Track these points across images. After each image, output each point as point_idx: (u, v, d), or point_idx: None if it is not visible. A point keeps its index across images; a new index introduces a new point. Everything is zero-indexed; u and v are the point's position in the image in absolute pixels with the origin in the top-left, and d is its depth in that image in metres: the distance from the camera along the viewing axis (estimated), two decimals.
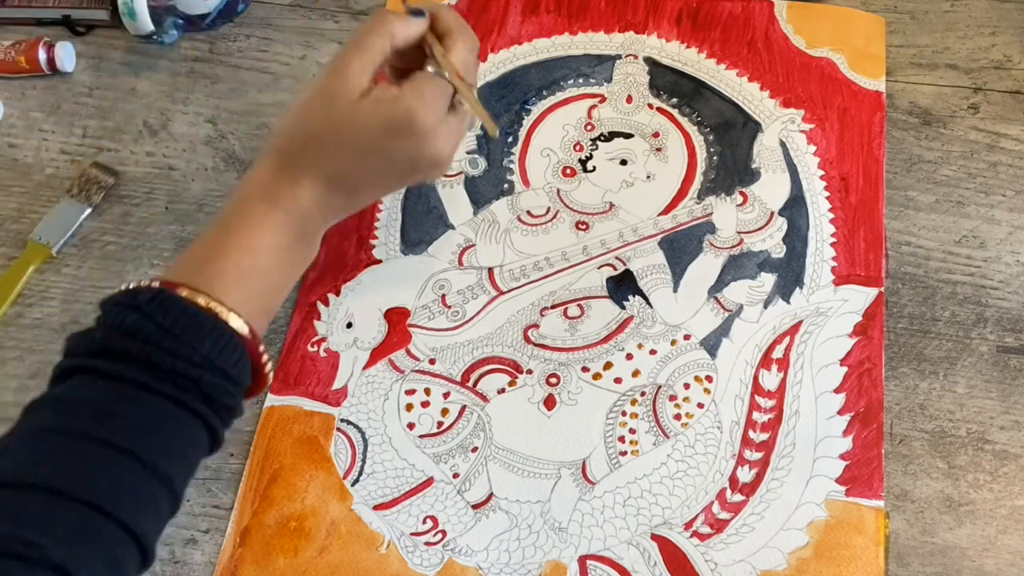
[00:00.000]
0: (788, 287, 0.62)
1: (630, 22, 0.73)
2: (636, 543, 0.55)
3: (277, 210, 0.52)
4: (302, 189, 0.52)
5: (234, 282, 0.49)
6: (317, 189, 0.53)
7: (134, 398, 0.45)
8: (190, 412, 0.46)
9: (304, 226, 0.53)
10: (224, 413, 0.48)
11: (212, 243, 0.51)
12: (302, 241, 0.53)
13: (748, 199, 0.65)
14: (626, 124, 0.69)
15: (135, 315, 0.46)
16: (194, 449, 0.48)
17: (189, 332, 0.46)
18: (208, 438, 0.48)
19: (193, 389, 0.46)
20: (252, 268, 0.50)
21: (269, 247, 0.51)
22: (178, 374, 0.46)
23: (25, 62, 0.72)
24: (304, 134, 0.53)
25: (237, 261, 0.50)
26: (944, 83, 0.70)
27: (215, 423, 0.48)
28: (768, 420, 0.58)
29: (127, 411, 0.45)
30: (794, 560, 0.54)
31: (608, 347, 0.61)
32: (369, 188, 0.56)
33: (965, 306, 0.62)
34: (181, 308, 0.47)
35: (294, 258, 0.54)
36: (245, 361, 0.49)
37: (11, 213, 0.68)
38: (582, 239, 0.65)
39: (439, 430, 0.59)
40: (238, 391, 0.49)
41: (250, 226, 0.51)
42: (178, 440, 0.46)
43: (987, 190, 0.66)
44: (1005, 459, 0.57)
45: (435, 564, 0.55)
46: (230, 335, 0.48)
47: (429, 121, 0.52)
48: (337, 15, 0.75)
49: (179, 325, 0.46)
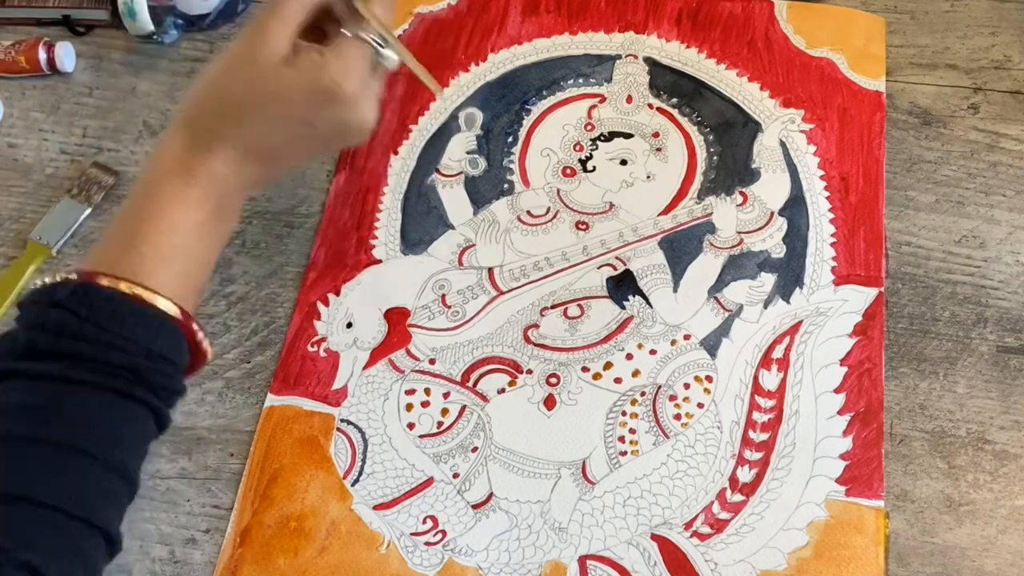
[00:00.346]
0: (788, 287, 0.62)
1: (630, 22, 0.73)
2: (636, 543, 0.55)
3: (193, 185, 0.49)
4: (217, 161, 0.50)
5: (157, 264, 0.48)
6: (234, 160, 0.50)
7: (70, 395, 0.44)
8: (131, 399, 0.46)
9: (222, 199, 0.51)
10: (165, 395, 0.47)
11: (128, 226, 0.49)
12: (220, 214, 0.51)
13: (748, 199, 0.65)
14: (626, 124, 0.69)
15: (58, 311, 0.45)
16: (141, 434, 0.47)
17: (116, 321, 0.45)
18: (154, 420, 0.47)
19: (130, 377, 0.45)
20: (173, 248, 0.48)
21: (188, 224, 0.49)
22: (112, 364, 0.45)
23: (25, 62, 0.72)
24: (218, 103, 0.51)
25: (158, 243, 0.48)
26: (944, 83, 0.70)
27: (158, 406, 0.47)
28: (768, 420, 0.58)
29: (65, 408, 0.44)
30: (794, 560, 0.54)
31: (608, 347, 0.61)
32: (290, 157, 0.54)
33: (965, 306, 0.62)
34: (105, 298, 0.45)
35: (214, 232, 0.51)
36: (180, 341, 0.48)
37: (11, 213, 0.68)
38: (582, 239, 0.65)
39: (439, 430, 0.59)
40: (176, 372, 0.48)
41: (166, 204, 0.49)
42: (123, 427, 0.46)
43: (987, 190, 0.66)
44: (1005, 459, 0.57)
45: (435, 564, 0.55)
46: (160, 319, 0.46)
47: (354, 88, 0.50)
48: None
49: (104, 316, 0.45)
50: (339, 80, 0.49)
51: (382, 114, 0.70)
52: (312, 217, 0.67)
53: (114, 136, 0.71)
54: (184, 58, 0.74)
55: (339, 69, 0.49)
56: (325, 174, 0.68)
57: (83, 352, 0.44)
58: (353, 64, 0.50)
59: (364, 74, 0.51)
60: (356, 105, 0.51)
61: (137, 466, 0.47)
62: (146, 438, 0.48)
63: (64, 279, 0.46)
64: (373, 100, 0.52)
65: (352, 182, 0.67)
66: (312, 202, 0.67)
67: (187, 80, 0.73)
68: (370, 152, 0.68)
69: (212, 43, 0.74)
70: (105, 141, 0.70)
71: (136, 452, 0.47)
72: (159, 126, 0.71)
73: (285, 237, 0.66)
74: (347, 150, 0.68)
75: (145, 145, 0.70)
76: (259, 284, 0.64)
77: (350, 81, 0.50)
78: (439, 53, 0.72)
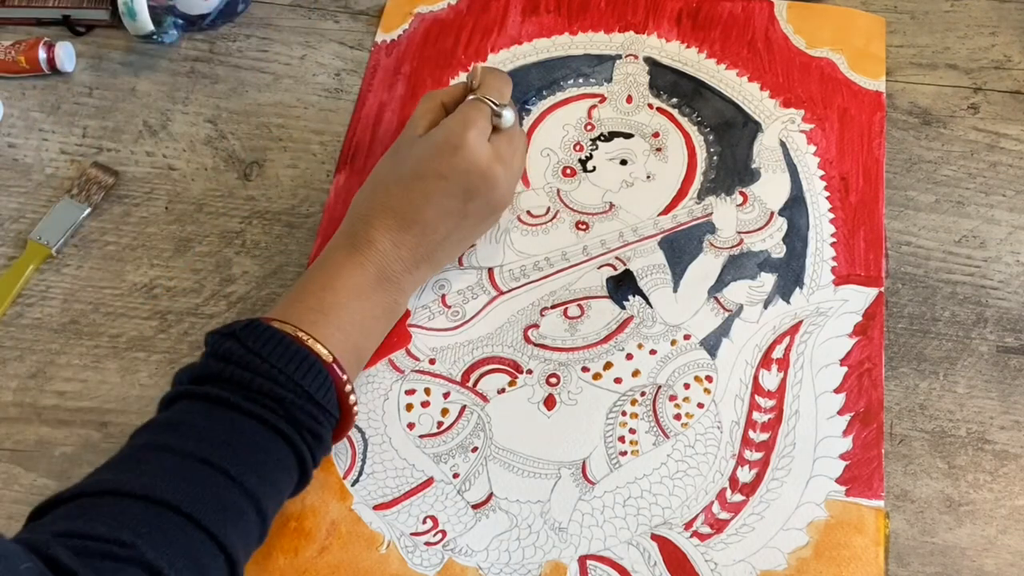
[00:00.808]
0: (788, 287, 0.62)
1: (630, 22, 0.73)
2: (636, 543, 0.55)
3: (354, 252, 0.56)
4: (375, 230, 0.57)
5: (318, 316, 0.53)
6: (388, 228, 0.57)
7: (226, 417, 0.49)
8: (275, 431, 0.49)
9: (382, 268, 0.57)
10: (311, 440, 0.51)
11: (302, 287, 0.56)
12: (381, 284, 0.57)
13: (748, 199, 0.65)
14: (626, 124, 0.69)
15: (229, 341, 0.51)
16: (281, 472, 0.50)
17: (276, 355, 0.50)
18: (296, 462, 0.50)
19: (278, 409, 0.50)
20: (334, 304, 0.54)
21: (349, 286, 0.55)
22: (264, 394, 0.49)
23: (25, 62, 0.72)
24: (373, 182, 0.59)
25: (321, 298, 0.54)
26: (944, 83, 0.70)
27: (301, 448, 0.50)
28: (768, 420, 0.58)
29: (219, 430, 0.48)
30: (794, 560, 0.54)
31: (608, 347, 0.61)
32: (436, 220, 0.57)
33: (965, 306, 0.62)
34: (270, 334, 0.51)
35: (375, 298, 0.57)
36: (330, 387, 0.51)
37: (11, 213, 0.68)
38: (582, 239, 0.65)
39: (439, 430, 0.59)
40: (324, 418, 0.51)
41: (333, 268, 0.56)
42: (266, 460, 0.49)
43: (987, 190, 0.66)
44: (1005, 459, 0.57)
45: (435, 564, 0.55)
46: (314, 360, 0.51)
47: (474, 139, 0.57)
48: (337, 15, 0.75)
49: (267, 349, 0.50)
50: (458, 131, 0.57)
51: (384, 115, 0.70)
52: (312, 217, 0.67)
53: (114, 136, 0.71)
54: (184, 58, 0.74)
55: (458, 122, 0.57)
56: (325, 174, 0.68)
57: (242, 379, 0.50)
58: (471, 118, 0.57)
59: (483, 128, 0.58)
60: (475, 153, 0.57)
61: (272, 508, 0.50)
62: (285, 479, 0.50)
63: (248, 319, 0.52)
64: (495, 155, 0.58)
65: (352, 182, 0.67)
66: (312, 202, 0.67)
67: (187, 80, 0.73)
68: (370, 152, 0.68)
69: (212, 43, 0.74)
70: (105, 141, 0.70)
71: (273, 490, 0.50)
72: (159, 126, 0.71)
73: (285, 237, 0.66)
74: (347, 150, 0.68)
75: (145, 145, 0.70)
76: (259, 284, 0.64)
77: (469, 132, 0.57)
78: (439, 53, 0.72)
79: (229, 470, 0.47)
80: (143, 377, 0.61)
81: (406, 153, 0.59)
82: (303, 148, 0.70)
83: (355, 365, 0.56)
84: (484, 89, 0.60)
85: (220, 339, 0.51)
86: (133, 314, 0.64)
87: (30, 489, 0.58)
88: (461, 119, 0.58)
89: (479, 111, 0.58)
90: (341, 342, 0.53)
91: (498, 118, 0.59)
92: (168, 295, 0.64)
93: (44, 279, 0.65)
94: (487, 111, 0.59)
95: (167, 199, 0.68)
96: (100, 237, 0.67)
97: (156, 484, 0.45)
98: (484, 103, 0.59)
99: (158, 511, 0.45)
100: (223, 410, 0.49)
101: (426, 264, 0.59)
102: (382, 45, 0.73)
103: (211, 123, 0.71)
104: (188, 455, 0.47)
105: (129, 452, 0.48)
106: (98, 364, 0.62)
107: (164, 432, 0.49)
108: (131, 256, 0.66)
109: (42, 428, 0.60)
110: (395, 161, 0.59)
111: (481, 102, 0.59)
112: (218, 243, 0.66)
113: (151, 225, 0.67)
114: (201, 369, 0.51)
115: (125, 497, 0.45)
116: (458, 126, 0.57)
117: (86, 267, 0.65)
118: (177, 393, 0.51)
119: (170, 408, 0.51)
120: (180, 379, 0.52)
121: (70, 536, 0.43)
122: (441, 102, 0.61)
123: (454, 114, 0.58)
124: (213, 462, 0.47)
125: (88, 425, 0.60)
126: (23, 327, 0.63)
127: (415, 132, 0.59)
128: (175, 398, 0.51)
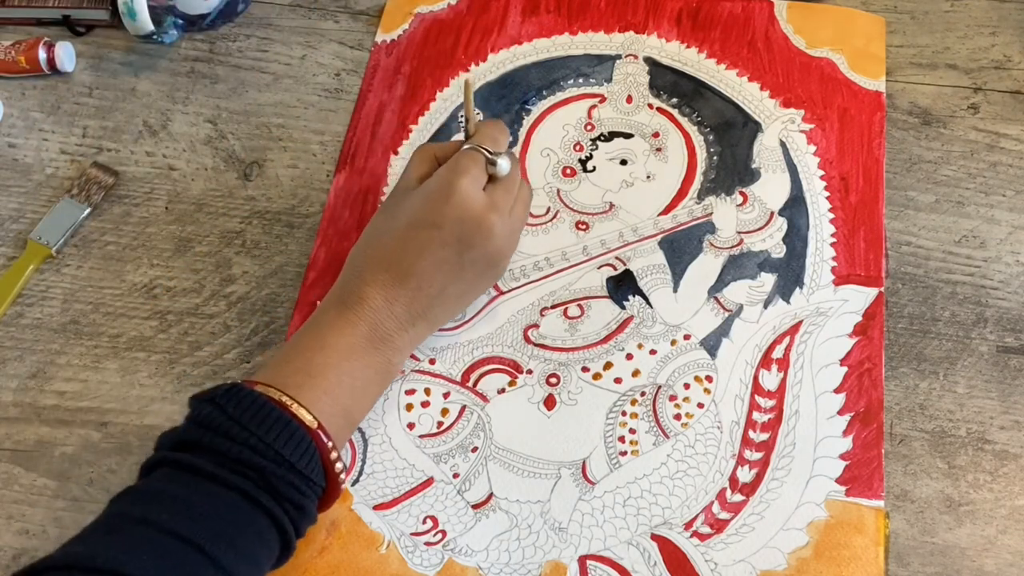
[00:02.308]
0: (788, 287, 0.62)
1: (630, 22, 0.73)
2: (636, 543, 0.55)
3: (345, 310, 0.54)
4: (367, 286, 0.54)
5: (306, 379, 0.51)
6: (381, 283, 0.55)
7: (204, 489, 0.47)
8: (254, 504, 0.47)
9: (375, 326, 0.54)
10: (293, 512, 0.48)
11: (291, 347, 0.54)
12: (374, 343, 0.54)
13: (748, 199, 0.65)
14: (626, 124, 0.69)
15: (210, 407, 0.49)
16: (260, 546, 0.48)
17: (255, 423, 0.48)
18: (277, 536, 0.48)
19: (258, 480, 0.47)
20: (323, 366, 0.52)
21: (340, 346, 0.53)
22: (244, 464, 0.47)
23: (25, 62, 0.72)
24: (366, 237, 0.58)
25: (309, 359, 0.52)
26: (944, 83, 0.70)
27: (283, 520, 0.48)
28: (768, 420, 0.58)
29: (196, 502, 0.46)
30: (794, 560, 0.54)
31: (608, 347, 0.61)
32: (431, 273, 0.55)
33: (965, 306, 0.62)
34: (251, 399, 0.49)
35: (366, 358, 0.54)
36: (313, 455, 0.49)
37: (11, 213, 0.68)
38: (582, 239, 0.65)
39: (439, 430, 0.59)
40: (307, 487, 0.49)
41: (324, 328, 0.54)
42: (244, 533, 0.47)
43: (987, 190, 0.66)
44: (1005, 459, 0.57)
45: (435, 564, 0.55)
46: (295, 427, 0.49)
47: (463, 183, 0.55)
48: (337, 15, 0.75)
49: (247, 416, 0.48)
50: (450, 179, 0.55)
51: (384, 115, 0.70)
52: (312, 217, 0.67)
53: (114, 136, 0.71)
54: (184, 58, 0.74)
55: (450, 170, 0.56)
56: (325, 174, 0.68)
57: (220, 447, 0.47)
58: (463, 166, 0.56)
59: (476, 176, 0.56)
60: (469, 201, 0.55)
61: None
62: (265, 554, 0.48)
63: (231, 383, 0.50)
64: (490, 204, 0.56)
65: (352, 182, 0.67)
66: (312, 202, 0.67)
67: (187, 80, 0.73)
68: (370, 152, 0.68)
69: (212, 43, 0.74)
70: (105, 141, 0.70)
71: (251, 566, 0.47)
72: (159, 126, 0.71)
73: (285, 237, 0.66)
74: (347, 150, 0.68)
75: (145, 145, 0.70)
76: (259, 284, 0.64)
77: (462, 180, 0.55)
78: (439, 53, 0.72)
79: (204, 546, 0.45)
80: (143, 377, 0.61)
81: (399, 205, 0.57)
82: (303, 148, 0.70)
83: (345, 429, 0.53)
84: (478, 138, 0.58)
85: (201, 404, 0.49)
86: (133, 314, 0.64)
87: (30, 489, 0.58)
88: (454, 168, 0.56)
89: (472, 159, 0.56)
90: (328, 406, 0.51)
91: (493, 167, 0.57)
92: (168, 295, 0.64)
93: (44, 279, 0.65)
94: (481, 159, 0.57)
95: (167, 199, 0.68)
96: (100, 237, 0.67)
97: (128, 561, 0.43)
98: (478, 151, 0.57)
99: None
100: (202, 481, 0.47)
101: (422, 321, 0.56)
102: (382, 45, 0.73)
103: (211, 123, 0.71)
104: (163, 529, 0.45)
105: (105, 522, 0.47)
106: (98, 364, 0.62)
107: (140, 503, 0.47)
108: (131, 256, 0.66)
109: (42, 428, 0.60)
110: (388, 214, 0.57)
111: (475, 151, 0.57)
112: (218, 243, 0.66)
113: (151, 225, 0.67)
114: (182, 434, 0.49)
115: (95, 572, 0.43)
116: (450, 174, 0.55)
117: (86, 267, 0.65)
118: (158, 459, 0.49)
119: (150, 474, 0.49)
120: (163, 443, 0.50)
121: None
122: (434, 155, 0.59)
123: (447, 164, 0.57)
124: (188, 538, 0.45)
125: (88, 425, 0.60)
126: (23, 327, 0.63)
127: (408, 185, 0.58)
128: (155, 464, 0.49)
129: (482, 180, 0.56)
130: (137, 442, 0.59)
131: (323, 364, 0.52)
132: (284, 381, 0.50)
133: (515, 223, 0.58)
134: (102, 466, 0.59)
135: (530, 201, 0.61)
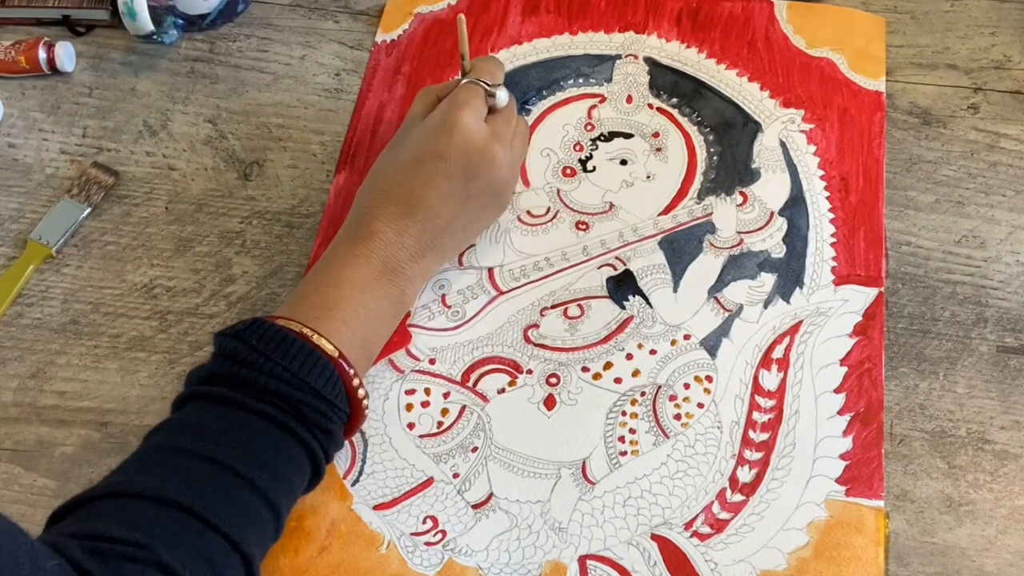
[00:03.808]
0: (788, 287, 0.62)
1: (630, 22, 0.73)
2: (636, 543, 0.55)
3: (357, 245, 0.56)
4: (377, 220, 0.56)
5: (324, 312, 0.53)
6: (390, 216, 0.56)
7: (235, 417, 0.49)
8: (284, 429, 0.49)
9: (387, 258, 0.56)
10: (322, 436, 0.51)
11: (307, 284, 0.56)
12: (387, 275, 0.56)
13: (748, 199, 0.65)
14: (626, 124, 0.69)
15: (234, 341, 0.51)
16: (293, 469, 0.50)
17: (279, 353, 0.50)
18: (307, 458, 0.50)
19: (286, 407, 0.49)
20: (338, 299, 0.54)
21: (355, 280, 0.55)
22: (271, 392, 0.49)
23: (25, 62, 0.72)
24: (374, 174, 0.59)
25: (325, 294, 0.54)
26: (944, 83, 0.70)
27: (312, 444, 0.50)
28: (768, 420, 0.58)
29: (229, 429, 0.48)
30: (794, 560, 0.54)
31: (608, 347, 0.61)
32: (438, 204, 0.57)
33: (965, 306, 0.62)
34: (274, 332, 0.51)
35: (380, 290, 0.56)
36: (337, 382, 0.51)
37: (11, 213, 0.68)
38: (582, 239, 0.65)
39: (439, 430, 0.59)
40: (333, 413, 0.51)
41: (337, 263, 0.56)
42: (276, 458, 0.49)
43: (987, 190, 0.66)
44: (1005, 459, 0.57)
45: (435, 564, 0.55)
46: (319, 356, 0.50)
47: (465, 115, 0.57)
48: (337, 15, 0.75)
49: (271, 347, 0.50)
50: (453, 112, 0.57)
51: (384, 115, 0.70)
52: (312, 217, 0.67)
53: (114, 136, 0.71)
54: (184, 58, 0.74)
55: (452, 103, 0.58)
56: (325, 174, 0.68)
57: (248, 378, 0.49)
58: (464, 99, 0.58)
59: (477, 108, 0.58)
60: (471, 132, 0.57)
61: (284, 504, 0.50)
62: (297, 477, 0.50)
63: (252, 319, 0.52)
64: (491, 134, 0.58)
65: (352, 182, 0.67)
66: (312, 202, 0.67)
67: (187, 80, 0.73)
68: (370, 152, 0.68)
69: (212, 43, 0.74)
70: (105, 141, 0.70)
71: (285, 487, 0.49)
72: (159, 126, 0.71)
73: (285, 237, 0.66)
74: (347, 150, 0.68)
75: (145, 145, 0.70)
76: (259, 284, 0.64)
77: (463, 111, 0.57)
78: (439, 53, 0.72)
79: (239, 469, 0.47)
80: (143, 377, 0.61)
81: (403, 141, 0.59)
82: (303, 148, 0.70)
83: (364, 359, 0.55)
84: (476, 73, 0.60)
85: (225, 339, 0.51)
86: (133, 314, 0.64)
87: (30, 489, 0.58)
88: (454, 101, 0.58)
89: (472, 92, 0.58)
90: (347, 336, 0.53)
91: (492, 98, 0.59)
92: (168, 295, 0.64)
93: (44, 279, 0.65)
94: (480, 92, 0.59)
95: (167, 199, 0.68)
96: (100, 237, 0.67)
97: (168, 486, 0.46)
98: (477, 85, 0.59)
99: (171, 512, 0.45)
100: (233, 410, 0.49)
101: (432, 252, 0.58)
102: (382, 45, 0.73)
103: (211, 123, 0.71)
104: (199, 456, 0.47)
105: (142, 454, 0.49)
106: (98, 364, 0.62)
107: (175, 433, 0.49)
108: (131, 256, 0.66)
109: (42, 428, 0.60)
110: (393, 150, 0.59)
111: (473, 84, 0.59)
112: (218, 243, 0.66)
113: (151, 225, 0.67)
114: (210, 369, 0.51)
115: (138, 499, 0.45)
116: (452, 107, 0.57)
117: (86, 267, 0.65)
118: (188, 394, 0.51)
119: (182, 409, 0.51)
120: (191, 380, 0.52)
121: (87, 538, 0.43)
122: (436, 96, 0.61)
123: (448, 98, 0.59)
124: (223, 462, 0.47)
125: (88, 425, 0.60)
126: (23, 327, 0.63)
127: (412, 124, 0.60)
128: (187, 399, 0.51)
129: (483, 112, 0.59)
130: (137, 442, 0.59)
131: (339, 298, 0.54)
132: (304, 315, 0.52)
133: (516, 155, 0.61)
134: (102, 466, 0.59)
135: (528, 135, 0.64)
